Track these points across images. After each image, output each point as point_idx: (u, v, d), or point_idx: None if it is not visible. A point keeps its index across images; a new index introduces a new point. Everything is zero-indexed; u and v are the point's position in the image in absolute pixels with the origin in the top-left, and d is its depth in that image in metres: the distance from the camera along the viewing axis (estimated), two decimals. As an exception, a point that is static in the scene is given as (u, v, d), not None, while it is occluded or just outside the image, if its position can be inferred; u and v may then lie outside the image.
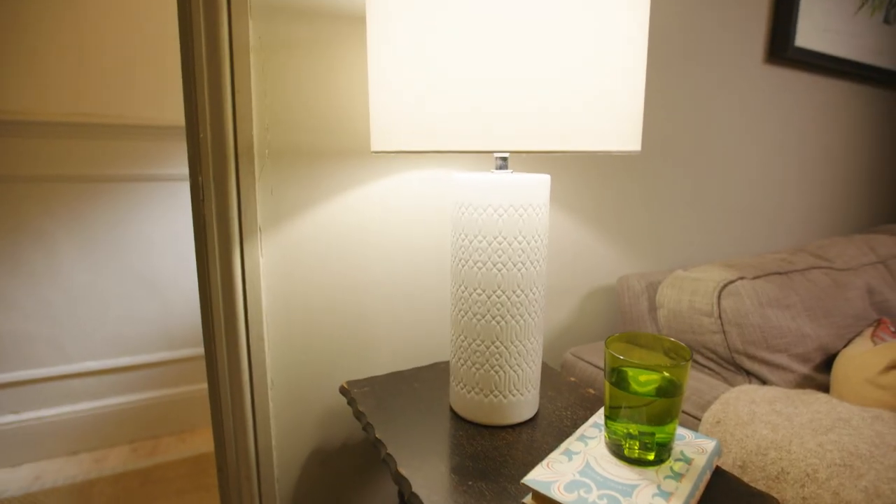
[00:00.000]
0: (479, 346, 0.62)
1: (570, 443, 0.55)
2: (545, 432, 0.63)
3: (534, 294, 0.62)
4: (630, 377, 0.53)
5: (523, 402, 0.64)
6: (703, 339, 0.91)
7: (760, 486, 0.62)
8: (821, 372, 0.92)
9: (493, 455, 0.58)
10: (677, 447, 0.55)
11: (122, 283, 1.73)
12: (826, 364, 0.93)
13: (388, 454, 0.59)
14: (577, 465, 0.51)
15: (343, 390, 0.74)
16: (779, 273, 0.97)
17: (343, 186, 0.76)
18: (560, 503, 0.45)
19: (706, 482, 0.51)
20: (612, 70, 0.50)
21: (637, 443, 0.51)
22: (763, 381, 0.87)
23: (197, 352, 1.87)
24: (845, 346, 0.95)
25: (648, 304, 1.00)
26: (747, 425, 0.68)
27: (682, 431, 0.58)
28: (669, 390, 0.51)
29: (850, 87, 1.54)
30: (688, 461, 0.52)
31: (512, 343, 0.62)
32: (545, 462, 0.51)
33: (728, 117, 1.25)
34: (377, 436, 0.62)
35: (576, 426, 0.64)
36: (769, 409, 0.69)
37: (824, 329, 0.93)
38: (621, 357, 0.51)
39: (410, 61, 0.50)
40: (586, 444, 0.55)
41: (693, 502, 0.47)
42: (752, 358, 0.87)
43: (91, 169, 1.63)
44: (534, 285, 0.61)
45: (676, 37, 1.10)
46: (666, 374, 0.51)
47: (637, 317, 1.01)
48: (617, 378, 0.52)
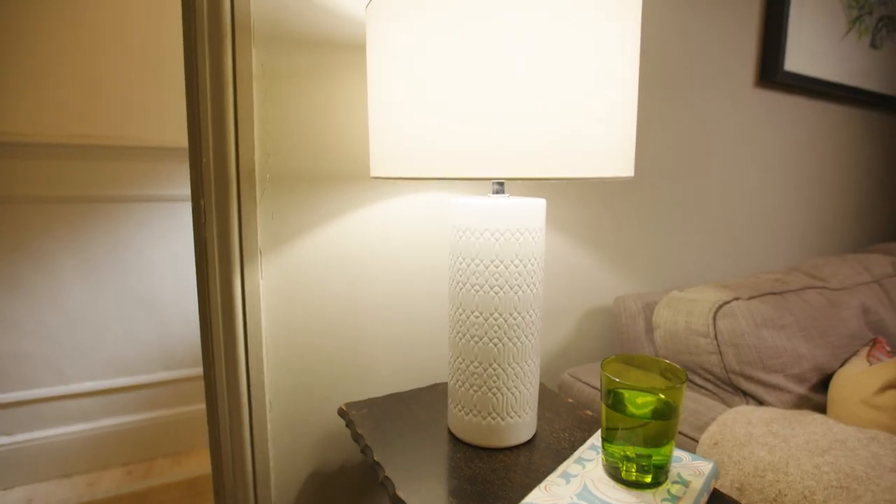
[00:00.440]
0: (476, 368, 0.63)
1: (568, 465, 0.55)
2: (543, 454, 0.63)
3: (530, 316, 0.62)
4: (626, 399, 0.53)
5: (521, 425, 0.65)
6: (699, 359, 0.91)
7: (758, 508, 0.62)
8: (817, 392, 0.92)
9: (491, 478, 0.58)
10: (674, 469, 0.55)
11: (122, 303, 1.73)
12: (823, 384, 0.94)
13: (386, 477, 0.59)
14: (575, 487, 0.51)
15: (341, 412, 0.74)
16: (774, 293, 0.98)
17: (342, 210, 0.77)
18: (558, 527, 0.45)
19: (703, 505, 0.52)
20: (606, 101, 0.51)
21: (634, 465, 0.51)
22: (760, 402, 0.87)
23: (194, 372, 1.87)
24: (841, 365, 0.96)
25: (645, 324, 1.01)
26: (744, 447, 0.68)
27: (679, 453, 0.58)
28: (665, 412, 0.51)
29: (840, 109, 1.58)
30: (685, 484, 0.52)
31: (509, 365, 0.62)
32: (543, 485, 0.51)
33: (722, 140, 1.27)
34: (375, 458, 0.62)
35: (573, 448, 0.65)
36: (766, 430, 0.70)
37: (820, 349, 0.94)
38: (617, 379, 0.52)
39: (409, 91, 0.52)
40: (584, 467, 0.55)
41: (690, 525, 0.47)
42: (748, 378, 0.87)
43: (91, 190, 1.64)
44: (530, 308, 0.62)
45: (670, 62, 1.12)
46: (662, 395, 0.52)
47: (634, 337, 1.01)
48: (613, 400, 0.53)
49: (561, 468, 0.54)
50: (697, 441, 0.75)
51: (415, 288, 0.86)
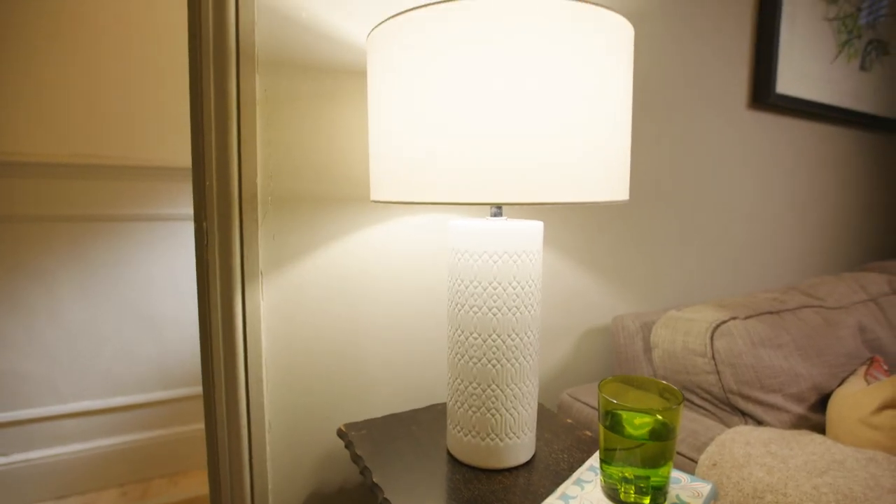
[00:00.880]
0: (475, 389, 0.63)
1: (567, 487, 0.55)
2: (542, 475, 0.63)
3: (528, 338, 0.63)
4: (624, 420, 0.54)
5: (520, 446, 0.65)
6: (697, 379, 0.91)
7: (758, 530, 0.62)
8: (816, 412, 0.92)
9: (490, 499, 0.58)
10: (673, 491, 0.55)
11: (120, 321, 1.73)
12: (821, 403, 0.94)
13: (385, 499, 0.59)
14: (574, 510, 0.51)
15: (341, 433, 0.74)
16: (770, 312, 0.99)
17: (343, 232, 0.78)
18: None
19: (702, 527, 0.52)
20: (602, 128, 0.53)
21: (633, 487, 0.52)
22: (759, 422, 0.87)
23: (191, 391, 1.86)
24: (839, 385, 0.96)
25: (643, 344, 1.01)
26: (743, 468, 0.68)
27: (677, 475, 0.59)
28: (662, 433, 0.52)
29: (833, 129, 1.60)
30: (683, 506, 0.52)
31: (507, 386, 0.63)
32: (542, 507, 0.51)
33: (717, 160, 1.29)
34: (375, 480, 0.62)
35: (572, 469, 0.65)
36: (764, 450, 0.70)
37: (817, 368, 0.94)
38: (614, 400, 0.52)
39: (409, 118, 0.53)
40: (582, 489, 0.55)
41: (689, 548, 0.47)
42: (746, 398, 0.87)
43: (91, 209, 1.65)
44: (528, 329, 0.63)
45: (665, 85, 1.15)
46: (659, 416, 0.52)
47: (632, 357, 1.02)
48: (611, 421, 0.53)
49: (560, 490, 0.54)
50: (696, 462, 0.75)
51: (414, 309, 0.86)
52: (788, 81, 1.36)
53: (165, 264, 1.77)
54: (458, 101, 0.50)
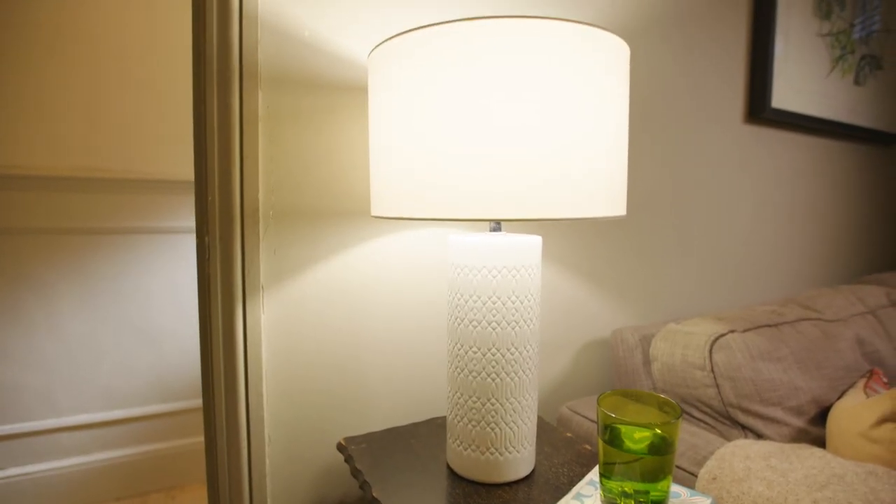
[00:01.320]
0: (474, 403, 0.63)
1: (567, 501, 0.55)
2: (542, 490, 0.63)
3: (528, 351, 0.63)
4: (624, 434, 0.54)
5: (519, 460, 0.65)
6: (697, 392, 0.92)
7: (758, 545, 0.62)
8: (815, 425, 0.92)
9: (491, 515, 0.58)
10: (672, 506, 0.55)
11: (120, 334, 1.73)
12: (821, 417, 0.94)
13: (385, 514, 0.59)
14: (574, 525, 0.51)
15: (340, 447, 0.74)
16: (769, 325, 0.99)
17: (343, 246, 0.79)
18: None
19: (702, 542, 0.52)
20: (600, 145, 0.54)
21: (632, 501, 0.52)
22: (759, 435, 0.87)
23: (190, 404, 1.85)
24: (839, 398, 0.96)
25: (643, 357, 1.01)
26: (743, 482, 0.68)
27: (677, 489, 0.59)
28: (661, 447, 0.52)
29: (828, 143, 1.62)
30: (683, 520, 0.52)
31: (507, 400, 0.63)
32: (541, 522, 0.51)
33: (714, 174, 1.30)
34: (374, 494, 0.62)
35: (572, 483, 0.65)
36: (764, 464, 0.70)
37: (816, 381, 0.94)
38: (613, 414, 0.53)
39: (409, 134, 0.54)
40: (582, 503, 0.55)
41: (689, 563, 0.47)
42: (746, 412, 0.87)
43: (92, 222, 1.66)
44: (528, 343, 0.63)
45: (663, 100, 1.16)
46: (657, 430, 0.52)
47: (632, 370, 1.02)
48: (610, 435, 0.54)
49: (559, 504, 0.55)
50: (696, 476, 0.75)
51: (414, 323, 0.87)
52: (784, 96, 1.38)
53: (165, 277, 1.78)
54: (457, 119, 0.51)
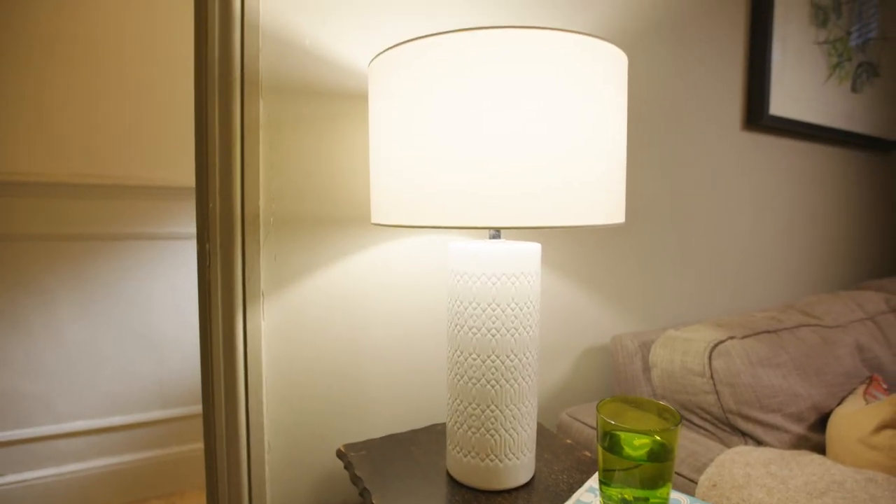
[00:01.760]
0: (474, 409, 0.63)
1: (566, 509, 0.55)
2: (542, 497, 0.63)
3: (527, 358, 0.64)
4: (623, 440, 0.54)
5: (519, 466, 0.65)
6: (696, 399, 0.92)
7: (759, 552, 0.62)
8: (815, 431, 0.92)
9: (490, 522, 0.58)
10: (672, 513, 0.55)
11: (120, 340, 1.73)
12: (821, 423, 0.94)
13: (385, 521, 0.59)
14: (573, 532, 0.51)
15: (340, 454, 0.74)
16: (768, 332, 0.99)
17: (344, 252, 0.79)
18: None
19: (702, 549, 0.52)
20: (599, 154, 0.54)
21: (632, 509, 0.52)
22: (758, 442, 0.87)
23: (190, 410, 1.85)
24: (838, 404, 0.96)
25: (642, 363, 1.01)
26: (743, 489, 0.68)
27: (677, 496, 0.59)
28: (661, 454, 0.52)
29: (826, 150, 1.63)
30: (683, 527, 0.52)
31: (507, 407, 0.63)
32: (541, 529, 0.51)
33: (713, 181, 1.31)
34: (374, 501, 0.62)
35: (572, 490, 0.65)
36: (764, 471, 0.70)
37: (816, 388, 0.94)
38: (612, 421, 0.53)
39: (409, 143, 0.55)
40: (582, 511, 0.55)
41: (689, 571, 0.47)
42: (746, 418, 0.87)
43: (92, 228, 1.66)
44: (527, 350, 0.63)
45: (662, 107, 1.17)
46: (657, 437, 0.52)
47: (631, 376, 1.02)
48: (609, 442, 0.54)
49: (559, 512, 0.55)
50: (696, 483, 0.75)
51: (414, 329, 0.87)
52: (781, 103, 1.38)
53: (165, 283, 1.78)
54: (454, 127, 0.51)
